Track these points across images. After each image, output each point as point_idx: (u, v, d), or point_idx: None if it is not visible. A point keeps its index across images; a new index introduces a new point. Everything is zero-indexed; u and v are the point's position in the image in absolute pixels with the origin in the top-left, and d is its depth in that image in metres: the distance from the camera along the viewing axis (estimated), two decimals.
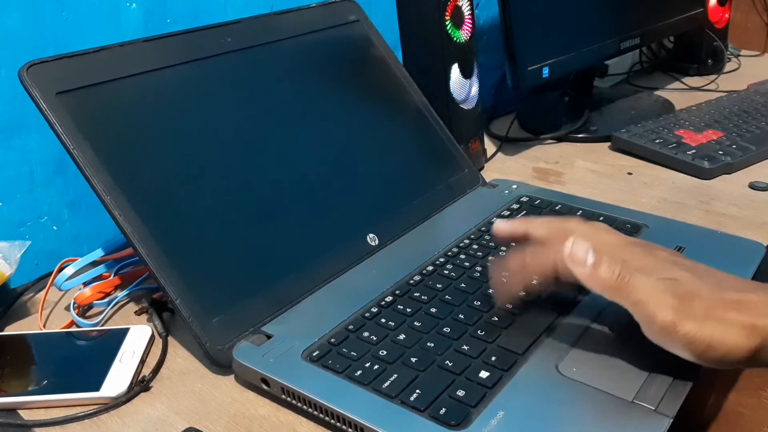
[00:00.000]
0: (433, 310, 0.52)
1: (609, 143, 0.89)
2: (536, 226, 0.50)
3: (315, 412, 0.45)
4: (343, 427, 0.43)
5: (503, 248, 0.60)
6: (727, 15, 1.21)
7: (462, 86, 0.80)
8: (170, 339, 0.55)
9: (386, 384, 0.44)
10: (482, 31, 1.04)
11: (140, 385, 0.50)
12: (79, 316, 0.58)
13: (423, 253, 0.60)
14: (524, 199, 0.70)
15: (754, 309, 0.41)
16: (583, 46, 0.91)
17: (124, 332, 0.54)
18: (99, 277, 0.62)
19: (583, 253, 0.44)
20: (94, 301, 0.60)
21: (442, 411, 0.42)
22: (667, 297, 0.41)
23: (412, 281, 0.56)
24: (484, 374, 0.45)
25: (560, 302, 0.51)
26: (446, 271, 0.57)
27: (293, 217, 0.59)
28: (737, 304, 0.41)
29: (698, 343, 0.40)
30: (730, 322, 0.40)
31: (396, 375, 0.45)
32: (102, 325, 0.58)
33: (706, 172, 0.78)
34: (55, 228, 0.69)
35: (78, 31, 0.66)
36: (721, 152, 0.80)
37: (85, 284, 0.60)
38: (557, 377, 0.45)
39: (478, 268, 0.57)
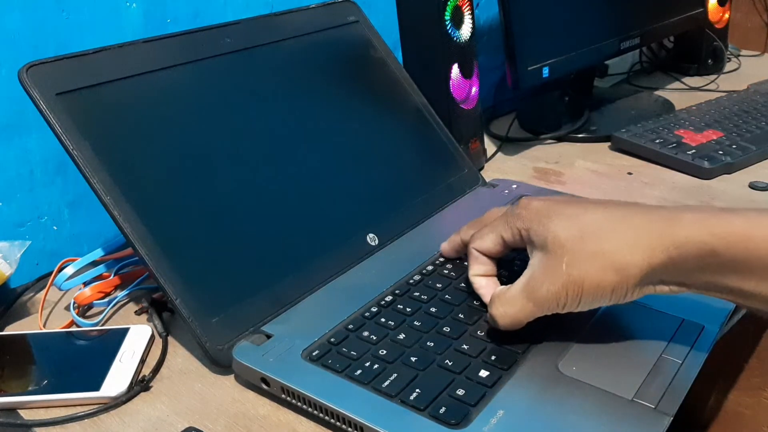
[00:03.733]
0: (433, 309, 0.52)
1: (609, 143, 0.89)
2: (465, 230, 0.55)
3: (315, 412, 0.45)
4: (343, 426, 0.43)
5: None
6: (727, 15, 1.21)
7: (462, 86, 0.80)
8: (170, 339, 0.55)
9: (386, 383, 0.44)
10: (482, 31, 1.04)
11: (140, 384, 0.50)
12: (79, 316, 0.58)
13: (423, 252, 0.60)
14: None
15: (638, 231, 0.41)
16: (583, 46, 0.90)
17: (124, 332, 0.54)
18: (99, 277, 0.62)
19: (492, 321, 0.48)
20: (94, 301, 0.60)
21: (442, 410, 0.42)
22: (539, 288, 0.44)
23: (411, 281, 0.56)
24: (483, 373, 0.45)
25: None
26: (446, 271, 0.57)
27: (293, 217, 0.59)
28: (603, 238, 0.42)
29: (581, 288, 0.42)
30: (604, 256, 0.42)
31: (396, 374, 0.45)
32: (102, 325, 0.58)
33: (706, 172, 0.78)
34: (55, 228, 0.69)
35: (78, 31, 0.66)
36: (721, 152, 0.80)
37: (85, 284, 0.61)
38: (557, 376, 0.45)
39: None
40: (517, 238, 0.47)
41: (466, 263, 0.57)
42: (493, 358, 0.46)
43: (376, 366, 0.46)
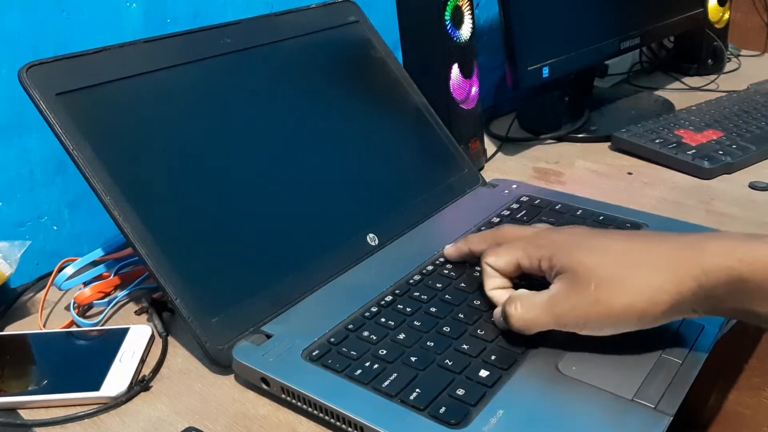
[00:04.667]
0: (433, 309, 0.52)
1: (609, 143, 0.89)
2: (476, 242, 0.55)
3: (315, 412, 0.45)
4: (343, 426, 0.43)
5: None
6: (727, 15, 1.21)
7: (462, 86, 0.80)
8: (170, 339, 0.55)
9: (386, 383, 0.44)
10: (482, 31, 1.04)
11: (140, 384, 0.50)
12: (79, 316, 0.58)
13: (423, 252, 0.60)
14: (524, 198, 0.70)
15: (664, 260, 0.42)
16: (583, 46, 0.90)
17: (124, 332, 0.54)
18: (99, 277, 0.62)
19: (502, 325, 0.48)
20: (94, 301, 0.60)
21: (442, 410, 0.42)
22: (563, 303, 0.44)
23: (411, 281, 0.56)
24: (483, 373, 0.45)
25: None
26: (446, 271, 0.57)
27: (293, 217, 0.59)
28: (635, 264, 0.43)
29: (611, 318, 0.43)
30: (633, 287, 0.42)
31: (396, 374, 0.45)
32: (102, 325, 0.58)
33: (706, 172, 0.78)
34: (55, 228, 0.69)
35: (78, 30, 0.66)
36: (721, 152, 0.80)
37: (85, 284, 0.61)
38: (557, 376, 0.45)
39: (478, 268, 0.57)
40: (535, 266, 0.47)
41: (466, 263, 0.57)
42: (493, 358, 0.46)
43: (376, 366, 0.46)
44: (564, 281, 0.44)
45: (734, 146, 0.82)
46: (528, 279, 0.50)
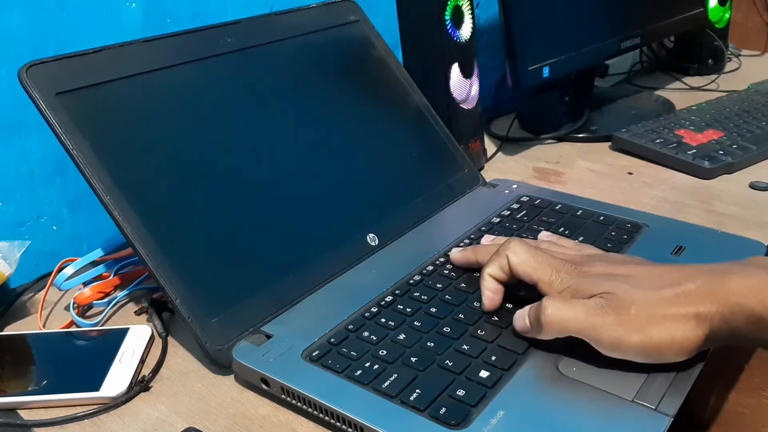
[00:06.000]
0: (433, 309, 0.52)
1: (609, 143, 0.89)
2: (483, 254, 0.54)
3: (315, 412, 0.45)
4: (343, 426, 0.43)
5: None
6: (727, 15, 1.21)
7: (462, 86, 0.80)
8: (170, 339, 0.55)
9: (386, 384, 0.44)
10: (482, 31, 1.04)
11: (140, 385, 0.50)
12: (79, 316, 0.58)
13: (423, 253, 0.60)
14: (524, 198, 0.70)
15: (693, 298, 0.42)
16: (583, 45, 0.90)
17: (123, 332, 0.54)
18: (99, 277, 0.62)
19: (522, 324, 0.47)
20: (94, 301, 0.60)
21: (442, 410, 0.42)
22: (604, 316, 0.42)
23: (412, 281, 0.56)
24: (484, 374, 0.45)
25: None
26: (446, 271, 0.57)
27: (293, 217, 0.58)
28: (675, 299, 0.42)
29: (650, 349, 0.42)
30: (672, 319, 0.41)
31: (396, 375, 0.45)
32: (102, 325, 0.58)
33: (706, 172, 0.78)
34: (54, 228, 0.69)
35: (78, 30, 0.66)
36: (721, 152, 0.80)
37: (85, 284, 0.60)
38: (557, 376, 0.45)
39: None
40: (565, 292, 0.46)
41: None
42: (493, 358, 0.46)
43: (376, 366, 0.46)
44: (604, 298, 0.43)
45: (735, 146, 0.82)
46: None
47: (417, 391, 0.43)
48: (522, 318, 0.47)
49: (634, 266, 0.46)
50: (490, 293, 0.51)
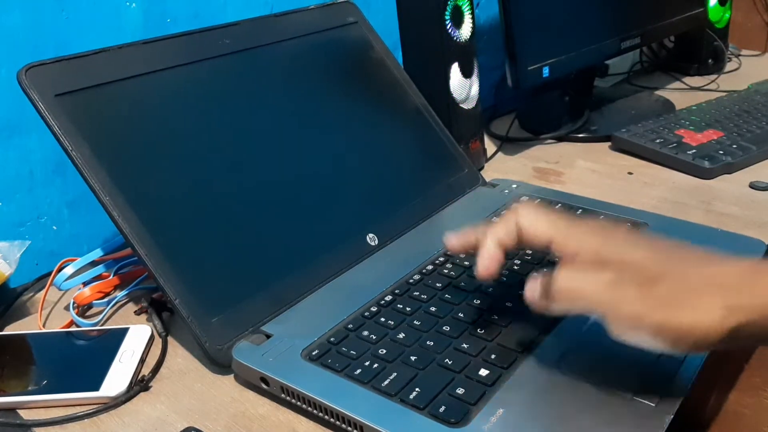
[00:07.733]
0: (433, 308, 0.52)
1: (609, 143, 0.89)
2: (483, 232, 0.47)
3: (315, 411, 0.45)
4: (343, 425, 0.43)
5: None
6: (727, 15, 1.21)
7: (462, 86, 0.80)
8: (170, 339, 0.55)
9: (386, 382, 0.44)
10: (482, 31, 1.04)
11: (140, 384, 0.50)
12: (79, 316, 0.58)
13: (422, 252, 0.60)
14: (524, 198, 0.70)
15: (728, 288, 0.37)
16: (583, 45, 0.90)
17: (123, 332, 0.54)
18: (98, 277, 0.62)
19: (531, 296, 0.42)
20: (94, 301, 0.60)
21: (442, 409, 0.42)
22: (625, 289, 0.38)
23: (411, 280, 0.56)
24: (483, 372, 0.45)
25: None
26: (446, 271, 0.57)
27: (293, 217, 0.59)
28: (709, 282, 0.37)
29: (668, 331, 0.37)
30: (701, 305, 0.36)
31: (395, 373, 0.45)
32: (101, 325, 0.58)
33: (706, 172, 0.78)
34: (54, 228, 0.69)
35: (78, 30, 0.66)
36: (721, 152, 0.80)
37: (85, 284, 0.60)
38: (557, 375, 0.45)
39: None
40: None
41: (466, 263, 0.57)
42: (492, 356, 0.46)
43: (375, 365, 0.46)
44: (625, 270, 0.39)
45: (735, 146, 0.82)
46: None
47: (416, 389, 0.43)
48: (532, 289, 0.42)
49: (660, 241, 0.41)
50: (487, 259, 0.44)
